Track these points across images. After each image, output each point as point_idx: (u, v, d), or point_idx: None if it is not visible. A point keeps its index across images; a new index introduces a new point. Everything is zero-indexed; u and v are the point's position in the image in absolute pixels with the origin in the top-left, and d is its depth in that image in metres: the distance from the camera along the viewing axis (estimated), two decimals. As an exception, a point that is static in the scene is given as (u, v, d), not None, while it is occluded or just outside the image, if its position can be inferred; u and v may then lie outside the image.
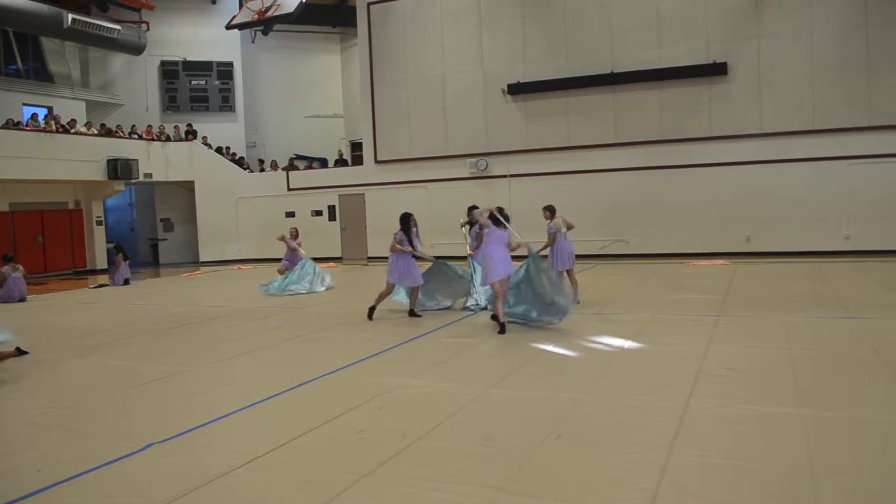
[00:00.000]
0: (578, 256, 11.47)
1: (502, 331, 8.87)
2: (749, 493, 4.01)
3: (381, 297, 10.70)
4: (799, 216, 17.76)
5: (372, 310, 10.56)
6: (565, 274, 11.03)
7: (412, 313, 10.63)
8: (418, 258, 10.54)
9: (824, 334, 8.23)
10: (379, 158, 22.60)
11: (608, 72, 19.48)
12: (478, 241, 9.71)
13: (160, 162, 24.02)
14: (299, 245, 15.92)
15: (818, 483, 4.07)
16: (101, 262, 23.28)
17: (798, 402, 5.59)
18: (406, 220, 10.41)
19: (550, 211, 10.99)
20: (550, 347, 8.03)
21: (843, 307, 9.92)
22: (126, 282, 17.99)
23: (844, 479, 4.13)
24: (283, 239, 15.83)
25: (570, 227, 11.07)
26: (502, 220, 9.20)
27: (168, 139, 24.53)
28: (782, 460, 4.43)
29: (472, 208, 9.32)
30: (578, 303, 10.73)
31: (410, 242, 10.35)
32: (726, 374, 6.52)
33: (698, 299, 11.22)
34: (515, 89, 20.49)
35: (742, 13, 18.28)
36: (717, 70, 18.40)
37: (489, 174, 21.00)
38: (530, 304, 9.37)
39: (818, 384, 6.13)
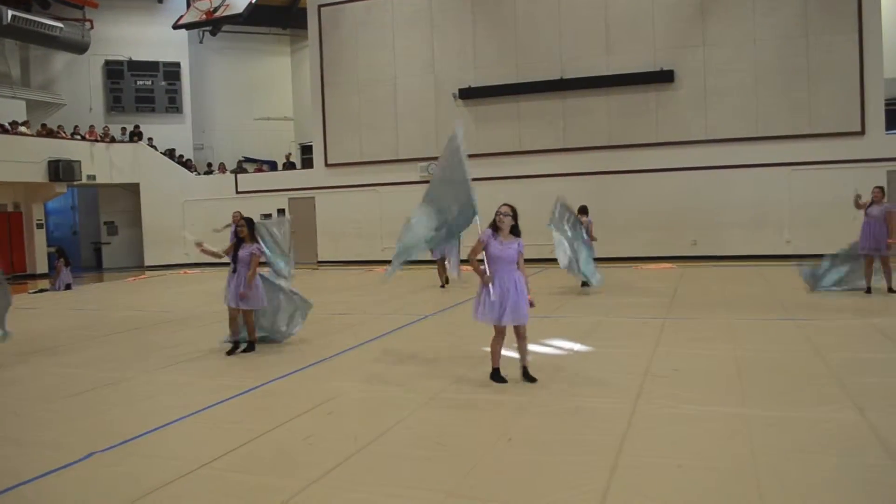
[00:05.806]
0: (528, 260, 11.72)
1: (501, 379, 6.68)
2: (696, 492, 4.08)
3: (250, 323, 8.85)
4: (743, 221, 18.18)
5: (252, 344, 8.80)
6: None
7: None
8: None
9: (767, 335, 8.42)
10: (329, 162, 22.42)
11: (558, 77, 19.68)
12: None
13: (104, 163, 23.39)
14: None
15: (762, 481, 4.15)
16: (42, 266, 22.58)
17: (742, 403, 5.70)
18: (250, 226, 8.80)
19: (581, 211, 12.99)
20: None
21: (784, 309, 10.19)
22: (68, 287, 17.49)
23: (787, 478, 4.22)
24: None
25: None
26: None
27: (112, 140, 23.93)
28: (727, 459, 4.51)
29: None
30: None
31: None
32: (673, 375, 6.63)
33: (645, 302, 11.40)
34: (466, 94, 20.55)
35: (688, 22, 18.66)
36: (663, 77, 18.75)
37: (440, 178, 20.99)
38: None
39: (761, 384, 6.26)
